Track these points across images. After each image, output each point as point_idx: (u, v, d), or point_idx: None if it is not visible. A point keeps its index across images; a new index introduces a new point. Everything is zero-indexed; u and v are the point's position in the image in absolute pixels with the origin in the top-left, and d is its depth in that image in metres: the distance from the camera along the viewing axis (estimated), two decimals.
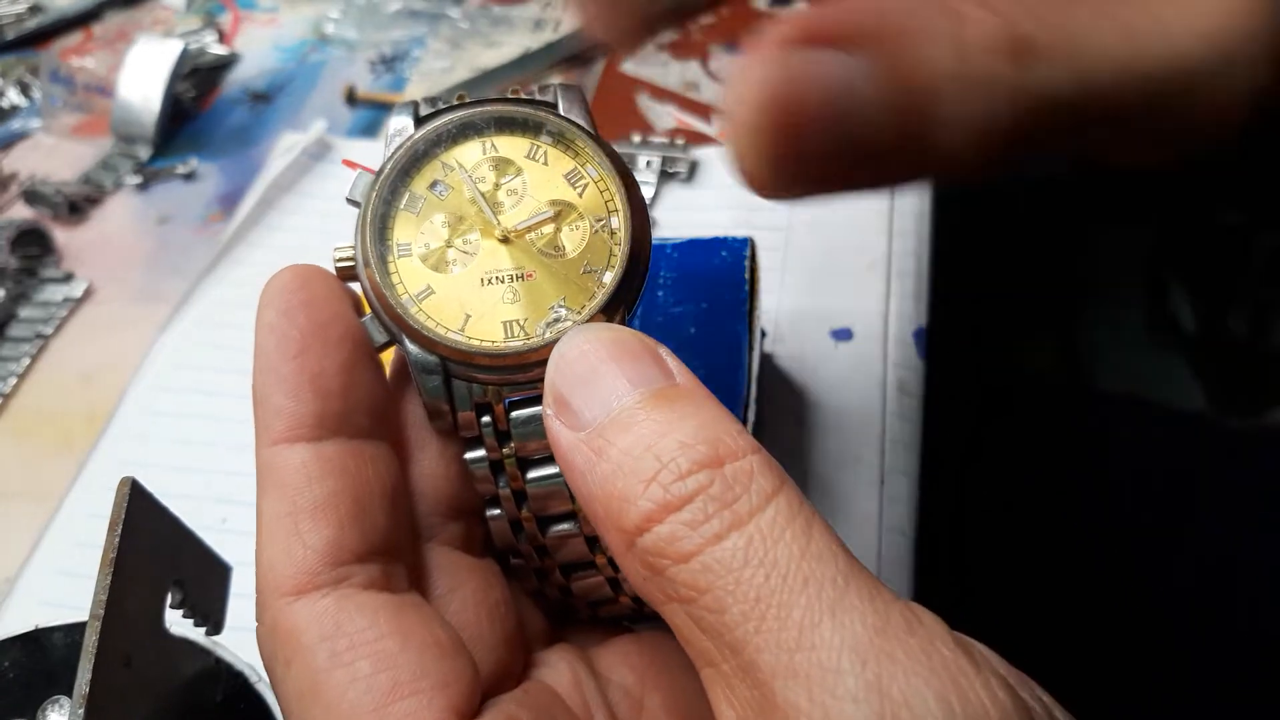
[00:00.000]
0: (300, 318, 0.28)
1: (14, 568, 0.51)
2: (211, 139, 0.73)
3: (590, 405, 0.24)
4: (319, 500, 0.26)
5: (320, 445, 0.27)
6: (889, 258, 0.57)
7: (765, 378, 0.49)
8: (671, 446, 0.23)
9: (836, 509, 0.48)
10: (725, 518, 0.22)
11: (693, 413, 0.24)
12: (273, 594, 0.26)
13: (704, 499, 0.22)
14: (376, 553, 0.27)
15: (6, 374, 0.60)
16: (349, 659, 0.25)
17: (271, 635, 0.26)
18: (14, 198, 0.70)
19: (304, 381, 0.27)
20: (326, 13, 0.82)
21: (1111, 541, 0.68)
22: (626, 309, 0.28)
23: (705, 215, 0.59)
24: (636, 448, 0.23)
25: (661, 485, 0.22)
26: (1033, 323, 0.89)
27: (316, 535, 0.26)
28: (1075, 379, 0.88)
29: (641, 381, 0.24)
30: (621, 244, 0.29)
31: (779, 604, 0.21)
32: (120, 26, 0.82)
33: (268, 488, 0.27)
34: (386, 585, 0.27)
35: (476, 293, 0.28)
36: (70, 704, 0.31)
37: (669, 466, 0.23)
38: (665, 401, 0.24)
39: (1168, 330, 0.87)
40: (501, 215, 0.29)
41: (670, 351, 0.25)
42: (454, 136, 0.30)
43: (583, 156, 0.30)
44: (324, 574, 0.26)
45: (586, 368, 0.25)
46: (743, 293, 0.43)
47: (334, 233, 0.64)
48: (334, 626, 0.25)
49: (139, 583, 0.31)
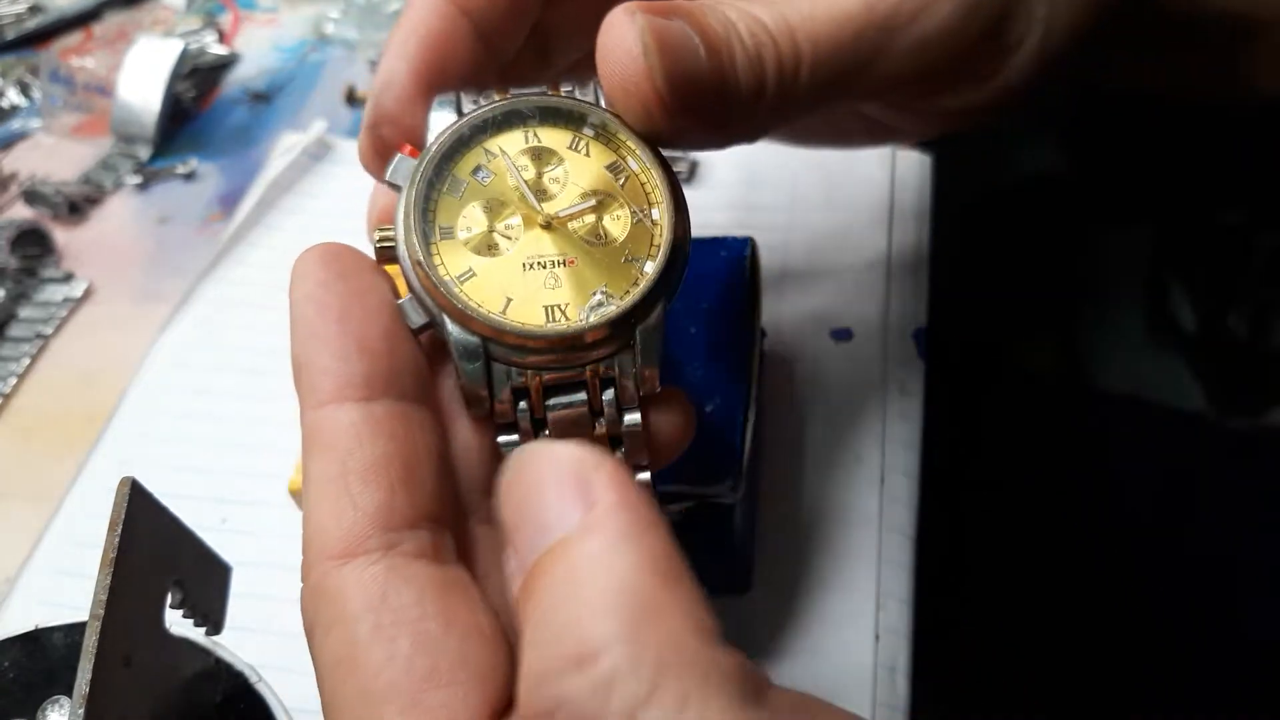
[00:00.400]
0: (338, 285, 0.28)
1: (14, 568, 0.51)
2: (211, 139, 0.73)
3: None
4: (370, 462, 0.26)
5: (370, 405, 0.27)
6: (889, 258, 0.57)
7: (765, 377, 0.49)
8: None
9: (836, 509, 0.48)
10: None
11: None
12: (320, 555, 0.25)
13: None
14: (427, 519, 0.26)
15: (6, 374, 0.60)
16: (391, 634, 0.24)
17: (315, 597, 0.25)
18: (14, 198, 0.70)
19: (349, 343, 0.27)
20: (326, 13, 0.82)
21: (1111, 541, 0.68)
22: (667, 299, 0.29)
23: (705, 215, 0.59)
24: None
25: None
26: (1033, 323, 0.88)
27: (368, 497, 0.25)
28: (1075, 379, 0.88)
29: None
30: (663, 234, 0.29)
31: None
32: (120, 26, 0.82)
33: (316, 451, 0.26)
34: (436, 555, 0.26)
35: (518, 277, 0.28)
36: (70, 704, 0.31)
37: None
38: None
39: (1168, 330, 0.87)
40: (544, 202, 0.29)
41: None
42: (498, 124, 0.30)
43: (624, 150, 0.30)
44: (375, 538, 0.25)
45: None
46: (743, 292, 0.43)
47: (334, 232, 0.64)
48: (380, 597, 0.24)
49: (139, 583, 0.31)
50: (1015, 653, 0.67)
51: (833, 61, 0.32)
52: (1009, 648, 0.67)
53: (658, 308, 0.28)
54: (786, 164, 0.62)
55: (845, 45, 0.32)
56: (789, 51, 0.31)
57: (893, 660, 0.44)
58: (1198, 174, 0.79)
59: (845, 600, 0.45)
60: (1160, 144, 0.77)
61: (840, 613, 0.45)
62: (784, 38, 0.31)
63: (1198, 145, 0.74)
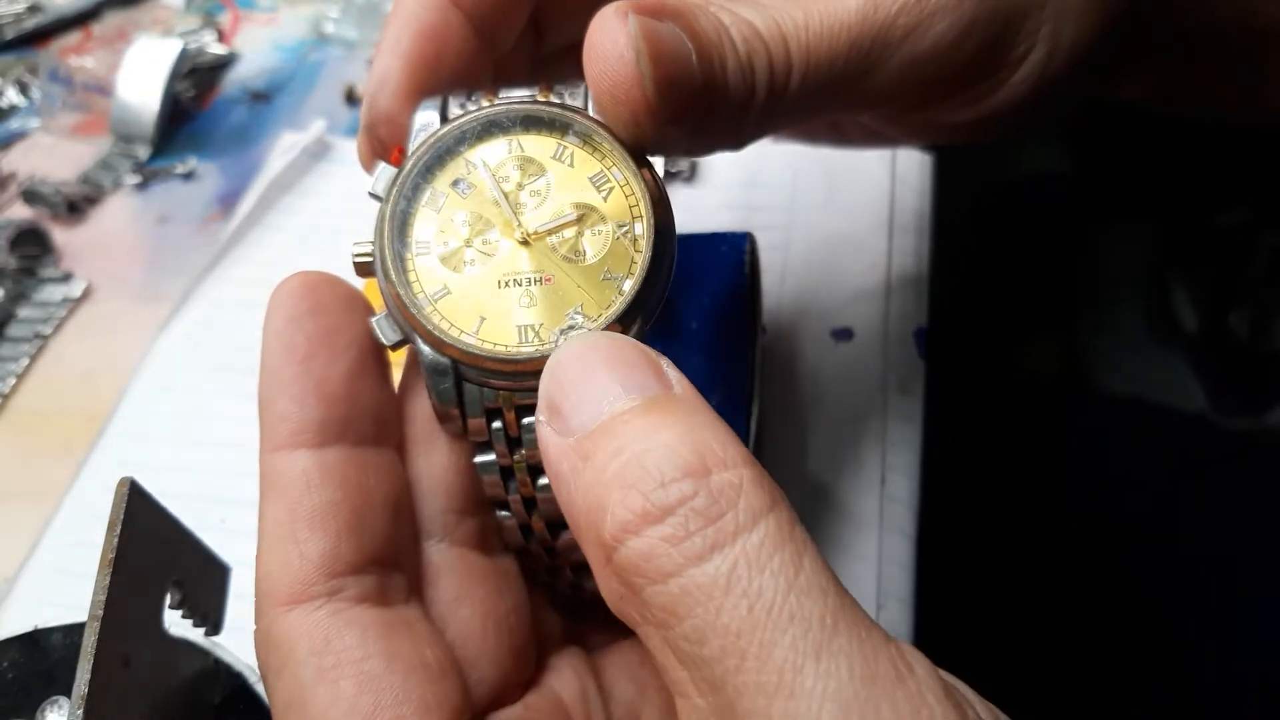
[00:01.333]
0: (307, 324, 0.28)
1: (13, 568, 0.51)
2: (211, 138, 0.73)
3: (580, 411, 0.23)
4: (317, 509, 0.26)
5: (323, 452, 0.27)
6: (889, 258, 0.56)
7: (765, 376, 0.49)
8: (657, 451, 0.22)
9: (836, 509, 0.48)
10: (708, 535, 0.21)
11: (684, 419, 0.23)
12: (269, 601, 0.26)
13: (686, 512, 0.21)
14: (374, 563, 0.27)
15: (5, 374, 0.59)
16: (334, 676, 0.25)
17: (264, 643, 0.26)
18: (13, 197, 0.70)
19: (309, 387, 0.27)
20: (326, 12, 0.82)
21: (1111, 541, 0.68)
22: (645, 319, 0.28)
23: (706, 215, 0.59)
24: (621, 453, 0.22)
25: (641, 493, 0.21)
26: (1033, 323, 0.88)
27: (313, 545, 0.26)
28: (1076, 379, 0.88)
29: (635, 389, 0.23)
30: (644, 251, 0.28)
31: (761, 641, 0.20)
32: (119, 26, 0.82)
33: (269, 494, 0.27)
34: (382, 598, 0.27)
35: (493, 295, 0.28)
36: (69, 704, 0.31)
37: (651, 472, 0.21)
38: (657, 409, 0.23)
39: (1169, 331, 0.87)
40: (523, 216, 0.29)
41: (673, 364, 0.25)
42: (479, 134, 0.29)
43: (609, 159, 0.29)
44: (319, 585, 0.26)
45: (580, 373, 0.24)
46: (743, 287, 0.43)
47: (333, 232, 0.64)
48: (324, 642, 0.25)
49: (138, 583, 0.30)
50: (1015, 653, 0.67)
51: (825, 72, 0.31)
52: (1009, 648, 0.67)
53: (633, 329, 0.27)
54: (787, 164, 0.62)
55: (838, 56, 0.31)
56: (781, 60, 0.30)
57: None
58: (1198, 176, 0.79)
59: None
60: (1161, 146, 0.77)
61: None
62: (777, 45, 0.30)
63: (1198, 147, 0.74)
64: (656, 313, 0.28)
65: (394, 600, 0.27)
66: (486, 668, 0.28)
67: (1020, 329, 0.87)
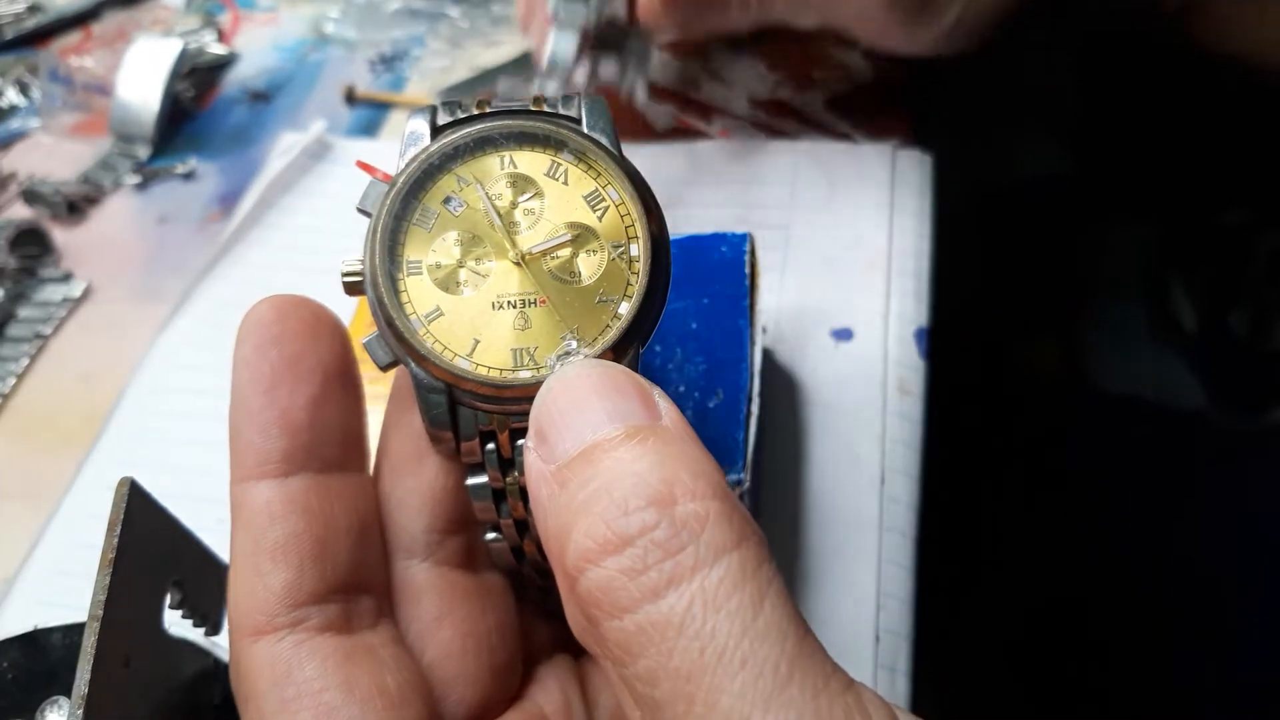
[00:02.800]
0: (272, 353, 0.28)
1: (13, 568, 0.51)
2: (211, 139, 0.73)
3: (565, 437, 0.23)
4: (280, 541, 0.27)
5: (287, 482, 0.27)
6: (889, 258, 0.56)
7: (765, 376, 0.49)
8: (626, 481, 0.21)
9: (836, 509, 0.48)
10: (665, 569, 0.20)
11: (662, 449, 0.22)
12: (237, 632, 0.26)
13: (646, 543, 0.20)
14: (338, 590, 0.27)
15: (5, 374, 0.59)
16: (295, 709, 0.25)
17: (234, 672, 0.27)
18: (13, 197, 0.70)
19: (273, 418, 0.27)
20: (326, 12, 0.82)
21: (1111, 541, 0.68)
22: (641, 342, 0.27)
23: (706, 214, 0.59)
24: (593, 481, 0.22)
25: (604, 520, 0.21)
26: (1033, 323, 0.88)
27: (276, 577, 0.26)
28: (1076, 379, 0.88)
29: (621, 418, 0.23)
30: (640, 274, 0.27)
31: (710, 687, 0.19)
32: (119, 26, 0.82)
33: (236, 524, 0.27)
34: (345, 625, 0.27)
35: (487, 317, 0.27)
36: (69, 704, 0.31)
37: (616, 501, 0.21)
38: (638, 439, 0.22)
39: (1168, 330, 0.87)
40: (517, 236, 0.28)
41: (665, 395, 0.24)
42: (471, 150, 0.29)
43: (605, 177, 0.29)
44: (282, 616, 0.26)
45: (569, 402, 0.24)
46: (743, 287, 0.43)
47: (333, 232, 0.64)
48: (285, 673, 0.25)
49: (138, 583, 0.30)
50: (1015, 653, 0.67)
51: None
52: (1009, 648, 0.67)
53: (629, 353, 0.27)
54: (787, 164, 0.62)
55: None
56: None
57: (893, 660, 0.44)
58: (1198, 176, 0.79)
59: (845, 600, 0.45)
60: (1162, 144, 0.77)
61: (840, 613, 0.45)
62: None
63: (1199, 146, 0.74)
64: (651, 333, 0.28)
65: (359, 626, 0.27)
66: (465, 688, 0.28)
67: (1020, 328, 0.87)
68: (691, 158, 0.63)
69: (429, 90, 0.73)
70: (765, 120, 0.65)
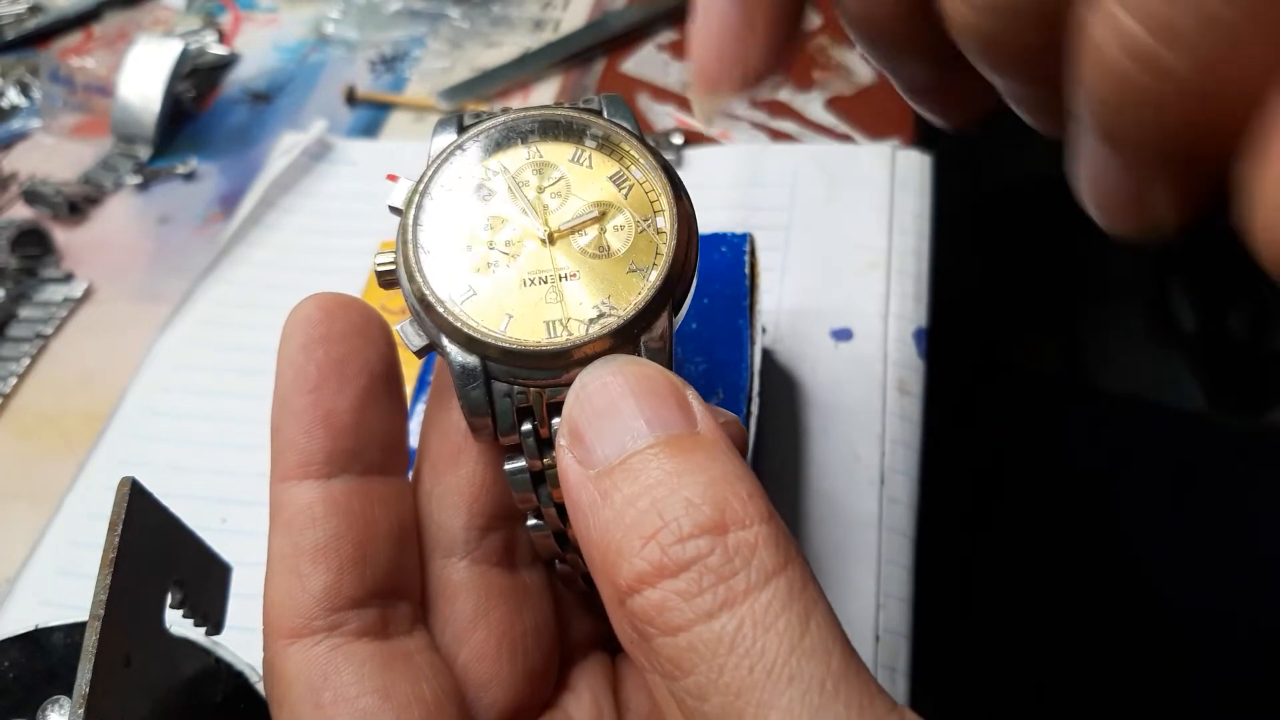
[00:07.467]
0: (318, 352, 0.28)
1: (14, 568, 0.51)
2: (211, 139, 0.73)
3: (603, 442, 0.23)
4: (320, 543, 0.26)
5: (329, 483, 0.27)
6: (889, 258, 0.57)
7: (765, 376, 0.49)
8: (677, 504, 0.22)
9: (836, 509, 0.48)
10: (719, 593, 0.21)
11: (705, 467, 0.22)
12: (273, 633, 0.26)
13: (700, 569, 0.21)
14: (376, 595, 0.27)
15: (6, 374, 0.59)
16: (330, 713, 0.25)
17: (269, 674, 0.26)
18: (14, 198, 0.70)
19: (318, 418, 0.27)
20: (326, 13, 0.82)
21: (1111, 541, 0.68)
22: (674, 308, 0.28)
23: (706, 215, 0.59)
24: (641, 499, 0.22)
25: (660, 546, 0.21)
26: (1033, 322, 0.89)
27: (315, 579, 0.26)
28: (1076, 379, 0.88)
29: (660, 425, 0.23)
30: (668, 242, 0.28)
31: (759, 703, 0.20)
32: (120, 26, 0.82)
33: (276, 524, 0.27)
34: (383, 631, 0.27)
35: (518, 294, 0.28)
36: (70, 704, 0.31)
37: (670, 526, 0.21)
38: (680, 451, 0.23)
39: (1168, 330, 0.87)
40: (545, 216, 0.29)
41: (698, 395, 0.25)
42: (498, 143, 0.29)
43: (627, 159, 0.30)
44: (320, 619, 0.26)
45: (606, 402, 0.24)
46: (743, 287, 0.43)
47: (334, 232, 0.64)
48: (321, 677, 0.25)
49: (139, 583, 0.30)
50: (1015, 653, 0.67)
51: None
52: (1009, 648, 0.67)
53: (662, 317, 0.27)
54: (787, 164, 0.62)
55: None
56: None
57: (893, 660, 0.44)
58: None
59: (845, 600, 0.45)
60: None
61: (840, 613, 0.45)
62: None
63: None
64: (685, 305, 0.28)
65: (396, 632, 0.27)
66: (498, 691, 0.28)
67: (1020, 328, 0.87)
68: (692, 158, 0.63)
69: (429, 91, 0.73)
70: (765, 120, 0.66)
